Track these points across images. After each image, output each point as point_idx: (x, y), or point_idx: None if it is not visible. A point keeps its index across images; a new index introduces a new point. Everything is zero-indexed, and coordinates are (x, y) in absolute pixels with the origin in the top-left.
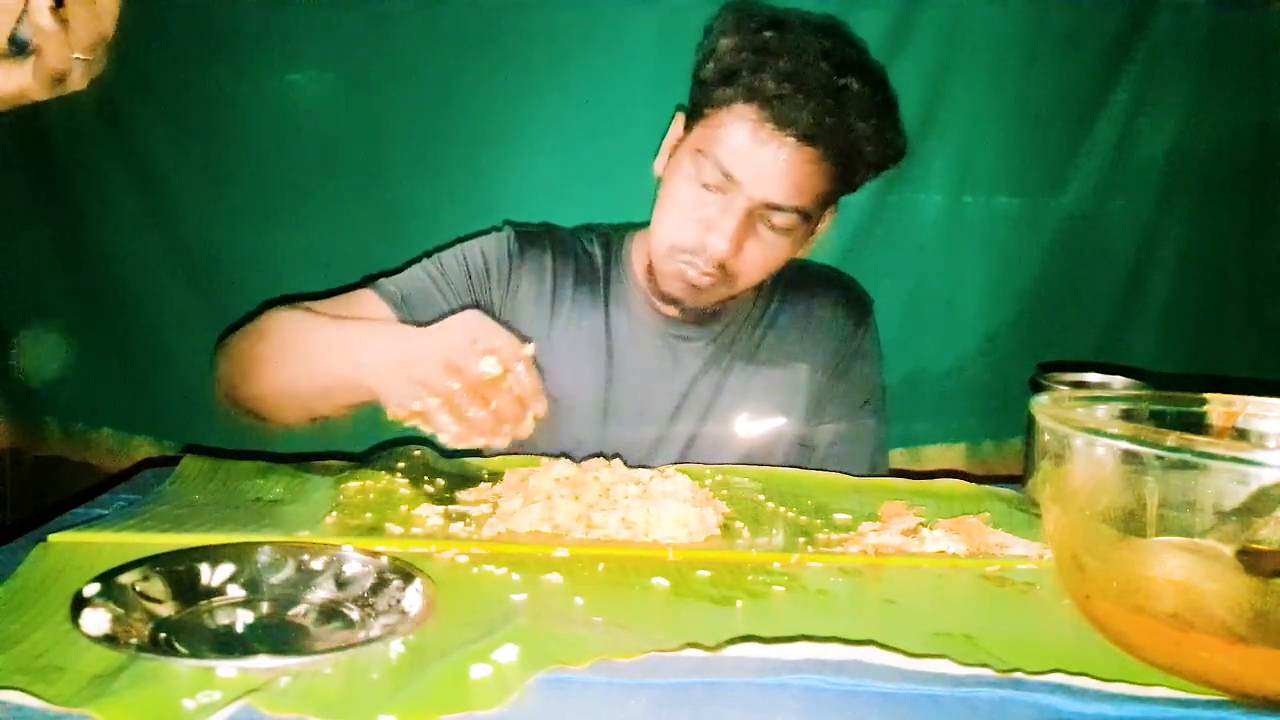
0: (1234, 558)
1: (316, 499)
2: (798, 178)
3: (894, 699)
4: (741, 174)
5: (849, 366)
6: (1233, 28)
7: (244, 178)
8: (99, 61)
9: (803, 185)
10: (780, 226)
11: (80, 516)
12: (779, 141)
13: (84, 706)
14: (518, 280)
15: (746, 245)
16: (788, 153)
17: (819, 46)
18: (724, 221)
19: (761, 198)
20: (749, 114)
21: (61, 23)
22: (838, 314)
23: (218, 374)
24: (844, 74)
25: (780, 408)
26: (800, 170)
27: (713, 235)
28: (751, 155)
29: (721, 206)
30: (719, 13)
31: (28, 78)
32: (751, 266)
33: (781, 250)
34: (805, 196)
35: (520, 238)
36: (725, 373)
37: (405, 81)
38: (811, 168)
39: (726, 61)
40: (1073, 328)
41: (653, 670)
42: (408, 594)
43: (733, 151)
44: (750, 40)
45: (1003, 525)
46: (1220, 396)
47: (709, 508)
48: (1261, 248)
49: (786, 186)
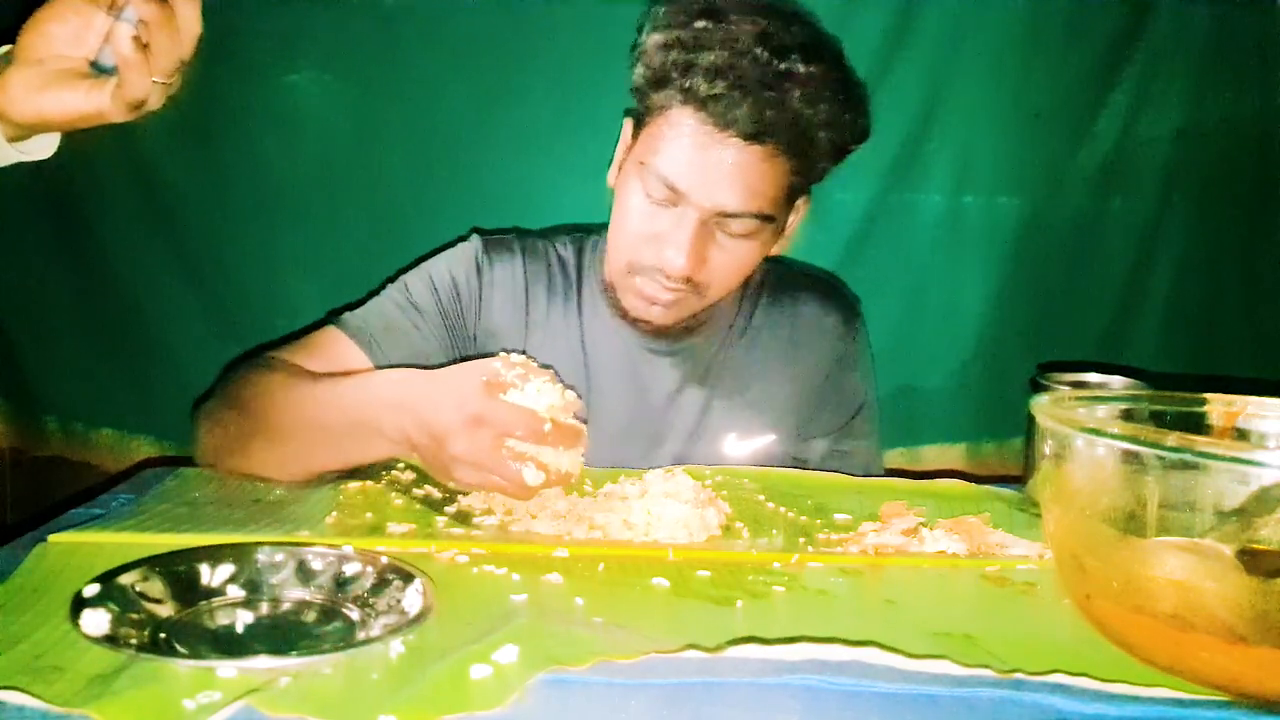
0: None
1: (316, 499)
2: (749, 180)
3: (894, 699)
4: (687, 185)
5: (840, 373)
6: (1233, 27)
7: (244, 178)
8: (175, 83)
9: (756, 187)
10: (741, 233)
11: (80, 516)
12: (721, 145)
13: (84, 707)
14: (489, 293)
15: (709, 255)
16: (733, 155)
17: (755, 31)
18: (678, 235)
19: (712, 207)
20: (685, 118)
21: (143, 48)
22: (825, 319)
23: (198, 444)
24: (784, 58)
25: (769, 421)
26: (751, 172)
27: (668, 250)
28: (694, 164)
29: (673, 220)
30: (648, 7)
31: (106, 100)
32: (721, 275)
33: (751, 253)
34: (761, 199)
35: (489, 247)
36: (709, 386)
37: (405, 83)
38: (764, 166)
39: (656, 63)
40: (1073, 328)
41: (653, 671)
42: (408, 594)
43: (674, 162)
44: (680, 35)
45: (1003, 525)
46: (1220, 396)
47: (710, 508)
48: (1261, 248)
49: (738, 192)
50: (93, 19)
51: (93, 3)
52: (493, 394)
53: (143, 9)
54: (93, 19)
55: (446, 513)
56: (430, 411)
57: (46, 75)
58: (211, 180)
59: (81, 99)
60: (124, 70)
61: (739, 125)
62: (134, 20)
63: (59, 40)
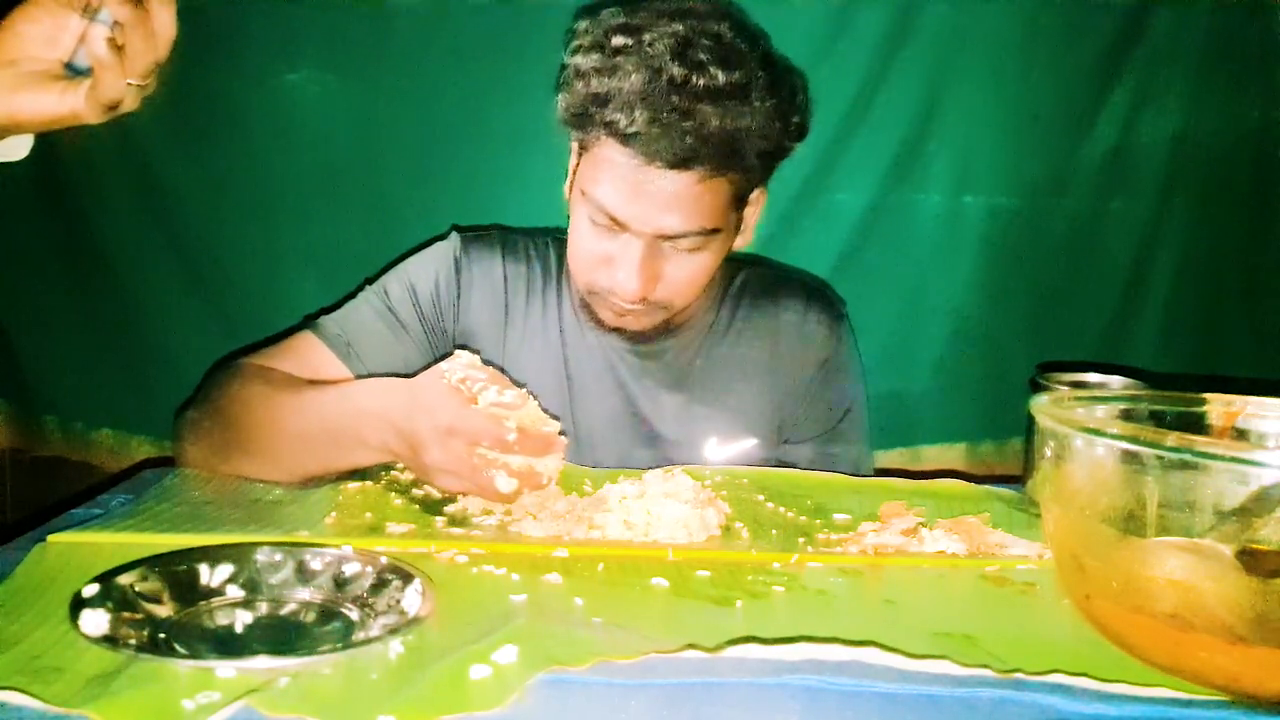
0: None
1: (316, 499)
2: (685, 204)
3: (894, 699)
4: (625, 216)
5: (824, 377)
6: (1233, 28)
7: (243, 177)
8: (151, 85)
9: (693, 209)
10: (690, 248)
11: (80, 516)
12: (652, 175)
13: (83, 707)
14: (468, 293)
15: (664, 271)
16: (667, 184)
17: (670, 44)
18: (626, 260)
19: (654, 232)
20: (613, 153)
21: (117, 50)
22: (808, 322)
23: (181, 449)
24: (703, 73)
25: (750, 424)
26: (686, 196)
27: (619, 274)
28: (629, 196)
29: (621, 245)
30: (570, 25)
31: (81, 102)
32: (680, 288)
33: (706, 261)
34: (702, 217)
35: (468, 245)
36: (689, 387)
37: (404, 81)
38: (699, 189)
39: (577, 97)
40: (1073, 328)
41: (652, 671)
42: (407, 594)
43: (611, 194)
44: (596, 63)
45: (1002, 525)
46: (1220, 396)
47: (710, 508)
48: (1261, 248)
49: (676, 216)
50: (67, 20)
51: (66, 4)
52: (464, 403)
53: (117, 11)
54: (67, 20)
55: (446, 513)
56: (406, 422)
57: (19, 77)
58: (211, 180)
59: (55, 101)
60: (99, 72)
61: (664, 156)
62: (109, 22)
63: (32, 42)
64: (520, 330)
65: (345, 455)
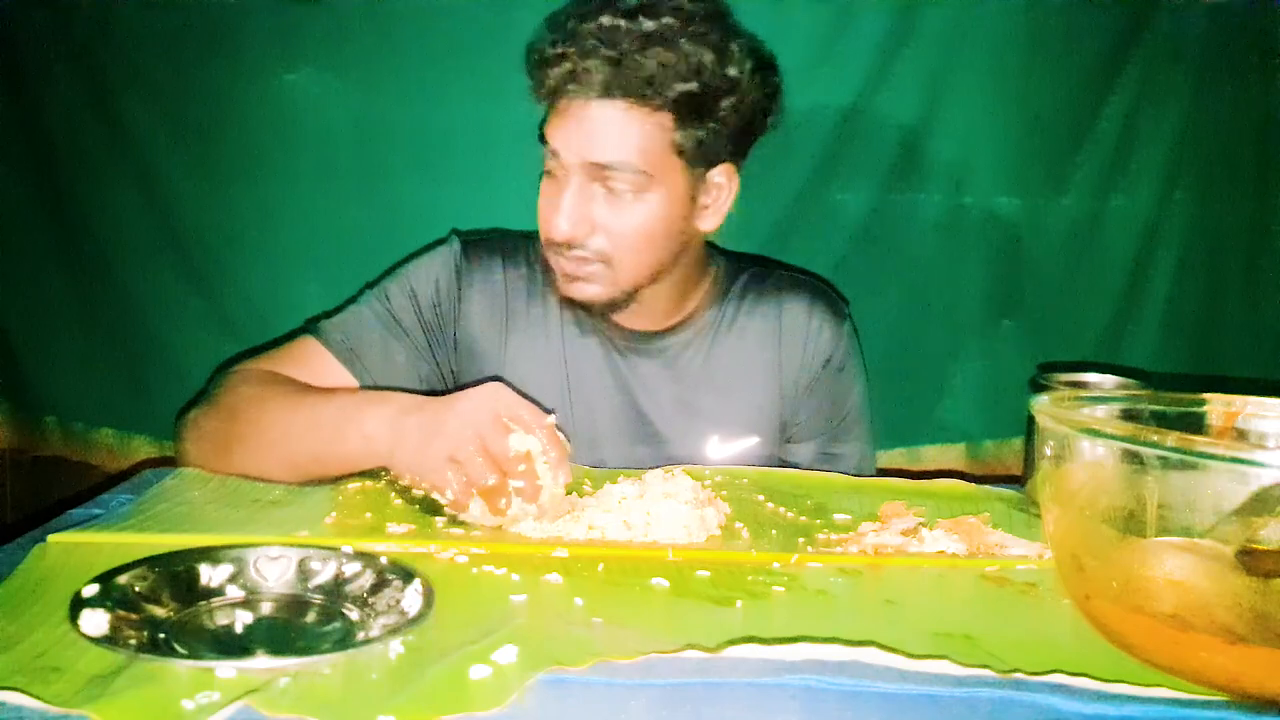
0: (1234, 558)
1: (316, 499)
2: (610, 133)
3: (894, 699)
4: (560, 145)
5: (827, 376)
6: (1233, 28)
7: (244, 177)
8: None
9: (618, 139)
10: (621, 189)
11: (80, 516)
12: (582, 105)
13: (83, 707)
14: (469, 297)
15: (596, 217)
16: (592, 112)
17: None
18: (559, 199)
19: (579, 161)
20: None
21: None
22: (811, 321)
23: (183, 449)
24: (629, 18)
25: (751, 423)
26: (611, 125)
27: (556, 216)
28: (564, 127)
29: (558, 186)
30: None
31: None
32: (619, 239)
33: (646, 216)
34: (626, 150)
35: (468, 250)
36: (690, 386)
37: (405, 81)
38: (623, 119)
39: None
40: (1073, 328)
41: (652, 671)
42: (407, 594)
43: (551, 129)
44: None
45: (1003, 525)
46: (1220, 396)
47: (710, 508)
48: (1261, 247)
49: (600, 143)
50: None
51: None
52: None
53: None
54: None
55: (446, 513)
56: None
57: None
58: (211, 180)
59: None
60: None
61: (588, 83)
62: None
63: None
64: (520, 333)
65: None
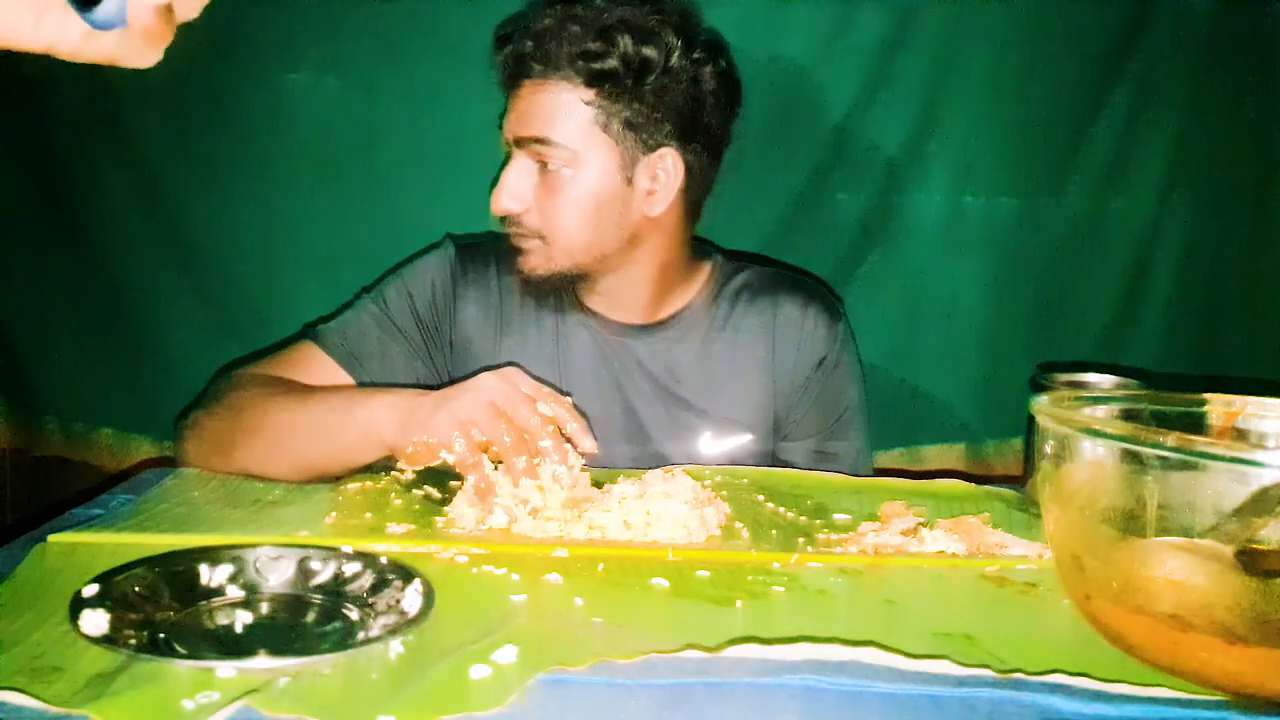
0: (1234, 558)
1: (316, 499)
2: (532, 109)
3: (894, 699)
4: (504, 125)
5: (822, 376)
6: (1233, 28)
7: (244, 177)
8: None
9: (539, 114)
10: (555, 167)
11: (80, 516)
12: (518, 81)
13: (83, 707)
14: (464, 300)
15: (538, 198)
16: (522, 93)
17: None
18: (503, 176)
19: (512, 135)
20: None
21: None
22: (806, 321)
23: (183, 450)
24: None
25: (745, 421)
26: (534, 102)
27: (498, 192)
28: (511, 107)
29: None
30: None
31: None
32: (554, 218)
33: (579, 195)
34: (545, 124)
35: (463, 253)
36: (685, 384)
37: (405, 81)
38: (541, 95)
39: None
40: (1073, 328)
41: (652, 671)
42: (407, 594)
43: (506, 114)
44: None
45: (1003, 525)
46: (1220, 396)
47: (710, 508)
48: (1262, 248)
49: (526, 120)
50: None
51: None
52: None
53: None
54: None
55: (446, 513)
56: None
57: None
58: (212, 179)
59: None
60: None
61: (521, 65)
62: None
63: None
64: (514, 334)
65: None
